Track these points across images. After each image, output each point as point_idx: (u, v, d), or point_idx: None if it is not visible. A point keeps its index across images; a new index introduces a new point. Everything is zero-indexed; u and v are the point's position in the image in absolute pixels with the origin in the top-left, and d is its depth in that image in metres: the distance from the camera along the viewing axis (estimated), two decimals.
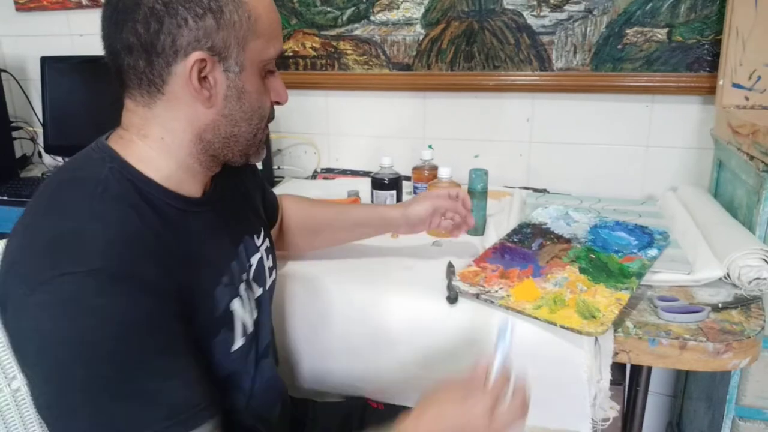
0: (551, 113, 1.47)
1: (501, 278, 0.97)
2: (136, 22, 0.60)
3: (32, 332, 0.55)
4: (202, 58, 0.61)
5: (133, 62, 0.62)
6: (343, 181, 1.61)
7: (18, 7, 1.82)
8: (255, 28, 0.64)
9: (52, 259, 0.55)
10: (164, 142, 0.66)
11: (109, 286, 0.55)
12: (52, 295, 0.54)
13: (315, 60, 1.59)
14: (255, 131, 0.70)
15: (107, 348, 0.54)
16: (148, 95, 0.64)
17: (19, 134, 1.90)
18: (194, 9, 0.60)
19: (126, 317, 0.55)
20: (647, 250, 1.03)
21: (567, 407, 0.88)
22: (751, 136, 1.08)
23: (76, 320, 0.53)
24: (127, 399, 0.55)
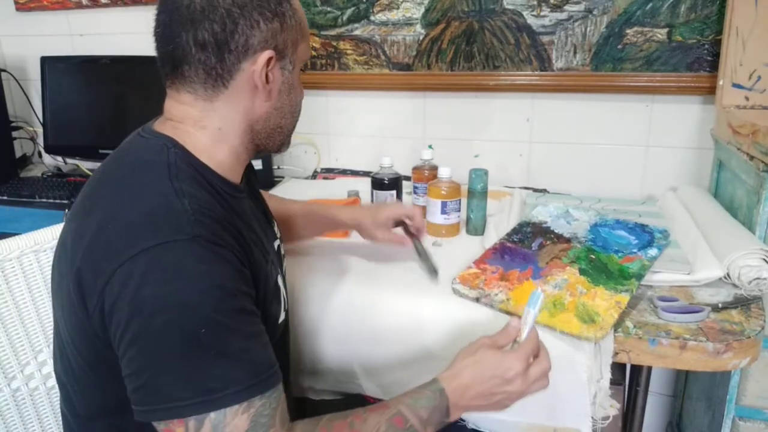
0: (551, 113, 1.47)
1: (501, 280, 0.97)
2: (213, 22, 0.65)
3: (134, 297, 0.58)
4: (271, 56, 0.69)
5: (205, 57, 0.67)
6: (343, 181, 1.61)
7: (18, 7, 1.82)
8: (302, 31, 0.73)
9: (151, 230, 0.59)
10: (221, 132, 0.71)
11: (207, 252, 0.60)
12: (156, 261, 0.58)
13: (315, 60, 1.59)
14: (295, 123, 0.78)
15: (205, 310, 0.58)
16: (213, 88, 0.69)
17: (19, 134, 1.90)
18: (265, 13, 0.67)
19: (221, 281, 0.60)
20: (647, 250, 1.02)
21: (567, 406, 0.88)
22: (751, 136, 1.08)
23: (178, 284, 0.58)
24: (218, 358, 0.59)
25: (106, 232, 0.62)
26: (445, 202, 1.17)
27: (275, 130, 0.75)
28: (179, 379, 0.58)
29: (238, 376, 0.59)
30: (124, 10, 1.70)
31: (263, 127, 0.74)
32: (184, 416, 0.58)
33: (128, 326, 0.58)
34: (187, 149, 0.69)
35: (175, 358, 0.58)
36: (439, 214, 1.18)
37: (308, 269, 1.05)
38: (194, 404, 0.58)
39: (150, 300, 0.57)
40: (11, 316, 0.93)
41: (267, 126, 0.74)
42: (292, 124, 0.78)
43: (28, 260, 0.95)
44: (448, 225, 1.19)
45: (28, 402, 0.96)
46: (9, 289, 0.93)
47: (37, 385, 0.97)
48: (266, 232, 0.82)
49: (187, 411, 0.58)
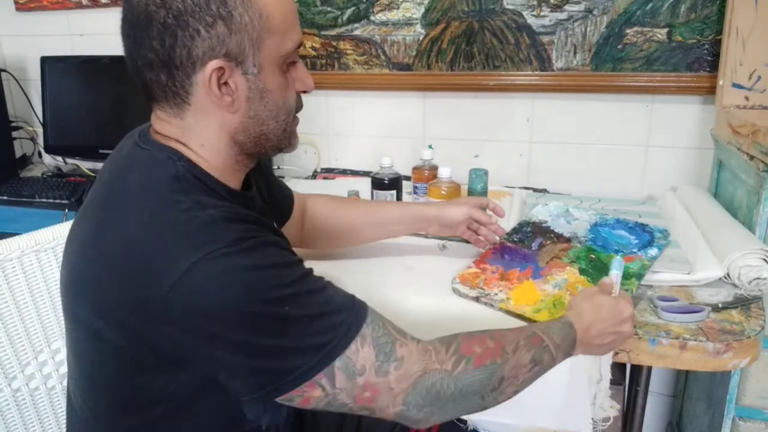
0: (551, 113, 1.47)
1: (501, 280, 0.98)
2: (152, 39, 0.61)
3: (201, 313, 0.57)
4: (219, 66, 0.62)
5: (156, 77, 0.64)
6: (343, 181, 1.61)
7: (18, 7, 1.82)
8: (268, 25, 0.64)
9: (187, 246, 0.58)
10: (204, 148, 0.68)
11: (249, 246, 0.59)
12: (207, 274, 0.57)
13: (315, 60, 1.59)
14: (283, 126, 0.71)
15: (283, 289, 0.59)
16: (176, 106, 0.66)
17: (19, 134, 1.89)
18: (204, 18, 0.60)
19: (280, 260, 0.62)
20: (647, 250, 1.02)
21: (567, 407, 0.88)
22: (751, 136, 1.08)
23: (241, 283, 0.57)
24: (313, 319, 0.60)
25: (137, 259, 0.59)
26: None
27: (260, 138, 0.70)
28: (290, 353, 0.59)
29: (336, 321, 0.61)
30: None
31: (245, 138, 0.69)
32: (312, 377, 0.59)
33: (216, 337, 0.58)
34: (191, 161, 0.67)
35: (277, 340, 0.59)
36: None
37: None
38: (315, 363, 0.59)
39: (222, 308, 0.57)
40: (11, 316, 0.93)
41: (249, 136, 0.69)
42: (277, 128, 0.70)
43: (29, 260, 0.95)
44: None
45: (29, 402, 0.96)
46: (9, 289, 0.93)
47: (38, 385, 0.97)
48: None
49: (313, 371, 0.59)
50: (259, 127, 0.69)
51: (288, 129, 0.72)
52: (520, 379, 0.69)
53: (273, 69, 0.66)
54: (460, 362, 0.65)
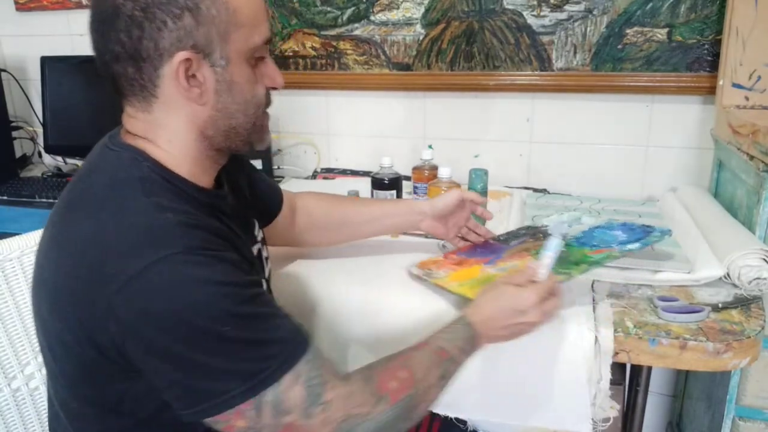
0: (551, 113, 1.47)
1: (454, 265, 0.97)
2: (119, 31, 0.61)
3: (146, 317, 0.57)
4: (186, 57, 0.62)
5: (123, 70, 0.63)
6: (343, 181, 1.61)
7: (18, 7, 1.82)
8: (236, 18, 0.64)
9: (142, 250, 0.58)
10: (172, 144, 0.67)
11: (206, 257, 0.59)
12: (156, 278, 0.57)
13: (315, 60, 1.59)
14: (253, 120, 0.70)
15: (223, 308, 0.58)
16: (144, 100, 0.65)
17: (19, 134, 1.89)
18: (171, 10, 0.60)
19: (231, 278, 0.60)
20: (626, 245, 0.95)
21: (567, 407, 0.88)
22: (751, 136, 1.08)
23: (187, 292, 0.57)
24: (250, 344, 0.60)
25: (92, 258, 0.59)
26: None
27: (229, 132, 0.69)
28: (221, 375, 0.59)
29: (274, 352, 0.60)
30: None
31: (214, 132, 0.68)
32: (235, 405, 0.58)
33: (153, 343, 0.58)
34: (158, 161, 0.66)
35: (210, 359, 0.58)
36: None
37: (308, 272, 1.05)
38: (244, 391, 0.58)
39: (163, 313, 0.57)
40: (11, 316, 0.93)
41: (218, 130, 0.68)
42: (247, 121, 0.69)
43: (29, 260, 0.95)
44: None
45: (29, 402, 0.96)
46: (9, 289, 0.93)
47: (38, 385, 0.97)
48: (245, 239, 0.78)
49: (240, 399, 0.58)
50: (228, 120, 0.68)
51: (258, 123, 0.72)
52: (432, 396, 0.70)
53: (241, 62, 0.66)
54: (378, 403, 0.64)
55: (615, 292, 0.96)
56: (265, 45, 0.69)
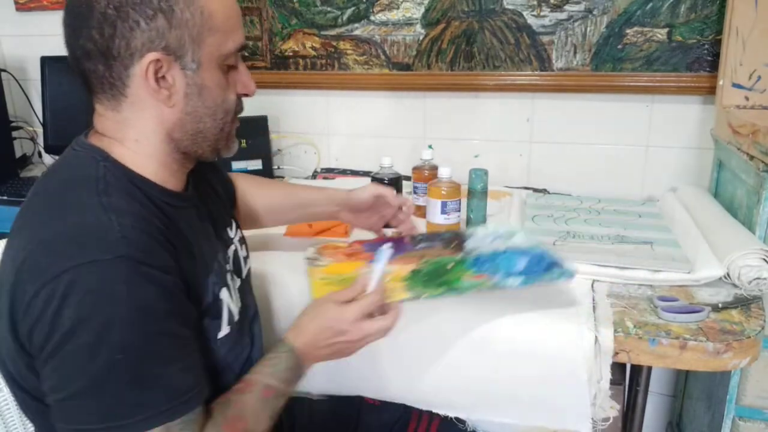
0: (551, 113, 1.47)
1: (347, 255, 0.96)
2: (91, 28, 0.61)
3: (54, 318, 0.56)
4: (156, 58, 0.62)
5: (94, 67, 0.64)
6: (343, 181, 1.61)
7: (18, 7, 1.82)
8: (210, 23, 0.64)
9: (75, 249, 0.57)
10: (139, 143, 0.67)
11: (134, 273, 0.57)
12: (78, 282, 0.56)
13: (315, 60, 1.59)
14: (221, 125, 0.70)
15: (127, 336, 0.57)
16: (113, 99, 0.66)
17: (19, 134, 1.89)
18: (145, 11, 0.61)
19: (148, 304, 0.58)
20: (509, 277, 0.86)
21: (567, 407, 0.88)
22: (751, 136, 1.08)
23: (99, 306, 0.56)
24: (132, 384, 0.57)
25: (32, 252, 0.59)
26: (445, 202, 1.17)
27: (196, 136, 0.69)
28: (89, 403, 0.57)
29: (151, 402, 0.58)
30: None
31: (182, 134, 0.68)
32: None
33: (47, 342, 0.57)
34: (118, 161, 0.66)
35: (87, 382, 0.56)
36: (439, 214, 1.17)
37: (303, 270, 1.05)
38: (101, 430, 0.56)
39: (67, 322, 0.55)
40: None
41: (185, 133, 0.68)
42: (215, 126, 0.69)
43: None
44: (448, 225, 1.19)
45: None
46: None
47: None
48: (212, 243, 0.77)
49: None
50: (196, 124, 0.68)
51: (226, 129, 0.71)
52: (264, 427, 0.70)
53: (213, 67, 0.66)
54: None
55: (615, 292, 0.96)
56: (239, 52, 0.69)
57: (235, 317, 0.77)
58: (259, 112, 1.61)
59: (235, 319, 0.76)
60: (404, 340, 0.94)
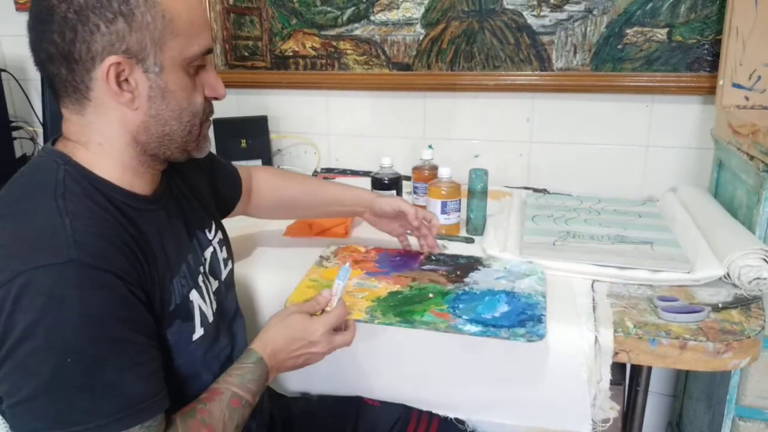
0: (551, 113, 1.47)
1: (353, 262, 1.04)
2: (52, 32, 0.61)
3: (5, 322, 0.56)
4: (117, 61, 0.62)
5: (57, 71, 0.64)
6: (343, 181, 1.61)
7: (18, 7, 1.82)
8: (172, 27, 0.64)
9: (27, 254, 0.57)
10: (103, 147, 0.67)
11: (85, 277, 0.57)
12: (29, 287, 0.55)
13: (315, 60, 1.59)
14: (188, 128, 0.70)
15: (78, 340, 0.56)
16: (77, 102, 0.66)
17: (19, 134, 1.89)
18: (105, 14, 0.61)
19: (99, 310, 0.58)
20: (471, 325, 0.85)
21: (567, 407, 0.88)
22: (751, 136, 1.08)
23: (49, 311, 0.55)
24: (84, 390, 0.57)
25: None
26: (445, 202, 1.17)
27: (162, 139, 0.69)
28: (41, 408, 0.56)
29: (104, 409, 0.57)
30: None
31: (147, 137, 0.68)
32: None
33: (0, 350, 0.56)
34: (80, 165, 0.66)
35: (38, 387, 0.56)
36: (439, 214, 1.18)
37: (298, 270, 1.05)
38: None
39: (19, 326, 0.55)
40: None
41: (151, 136, 0.68)
42: (181, 129, 0.69)
43: None
44: (448, 225, 1.19)
45: None
46: None
47: None
48: (182, 245, 0.76)
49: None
50: (162, 127, 0.68)
51: (194, 132, 0.71)
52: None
53: (176, 70, 0.66)
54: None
55: (615, 292, 0.96)
56: (205, 55, 0.69)
57: (209, 318, 0.76)
58: (259, 112, 1.61)
59: (210, 320, 0.76)
60: (404, 341, 0.94)
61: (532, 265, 1.02)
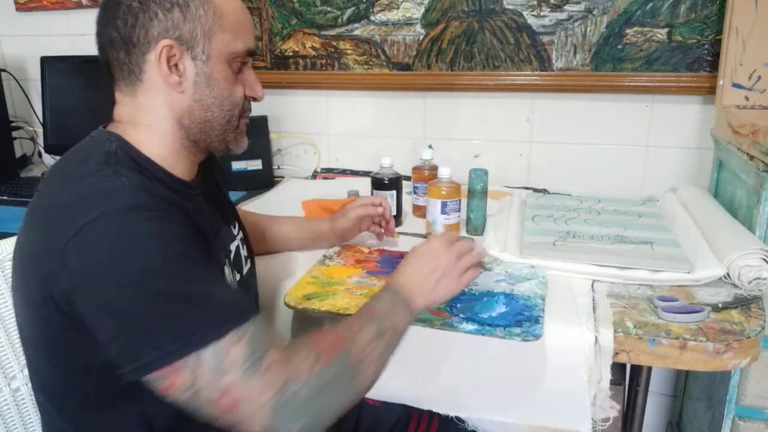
0: (551, 113, 1.47)
1: (355, 261, 1.06)
2: (116, 19, 0.69)
3: (91, 268, 0.59)
4: (169, 45, 0.69)
5: (116, 54, 0.71)
6: (343, 181, 1.61)
7: (18, 7, 1.82)
8: (221, 23, 0.71)
9: (91, 205, 0.61)
10: (151, 128, 0.73)
11: (150, 216, 0.62)
12: (101, 231, 0.60)
13: (315, 60, 1.59)
14: (228, 117, 0.75)
15: (160, 263, 0.60)
16: (131, 84, 0.72)
17: (19, 134, 1.90)
18: (164, 4, 0.68)
19: (171, 233, 0.62)
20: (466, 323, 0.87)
21: (567, 407, 0.88)
22: (751, 136, 1.08)
23: (128, 246, 0.60)
24: (184, 304, 0.60)
25: (50, 217, 0.63)
26: (445, 202, 1.17)
27: (204, 125, 0.74)
28: (159, 330, 0.59)
29: (212, 313, 0.61)
30: None
31: (191, 122, 0.73)
32: (173, 362, 0.58)
33: (93, 296, 0.59)
34: (130, 143, 0.71)
35: (147, 313, 0.59)
36: (439, 214, 1.17)
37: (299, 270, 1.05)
38: (180, 348, 0.58)
39: (104, 266, 0.59)
40: (11, 316, 0.93)
41: (194, 121, 0.74)
42: (222, 117, 0.75)
43: None
44: (448, 225, 1.19)
45: (28, 402, 0.96)
46: (9, 288, 0.93)
47: None
48: (218, 232, 0.81)
49: (176, 355, 0.58)
50: (204, 112, 0.73)
51: (233, 122, 0.76)
52: (374, 356, 0.69)
53: (221, 61, 0.72)
54: (314, 364, 0.63)
55: (615, 292, 0.96)
56: (248, 56, 0.76)
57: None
58: (259, 112, 1.61)
59: None
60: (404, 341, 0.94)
61: (534, 269, 1.02)
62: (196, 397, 0.59)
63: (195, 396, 0.59)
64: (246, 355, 0.59)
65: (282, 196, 1.54)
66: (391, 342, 0.72)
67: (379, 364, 0.70)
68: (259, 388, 0.59)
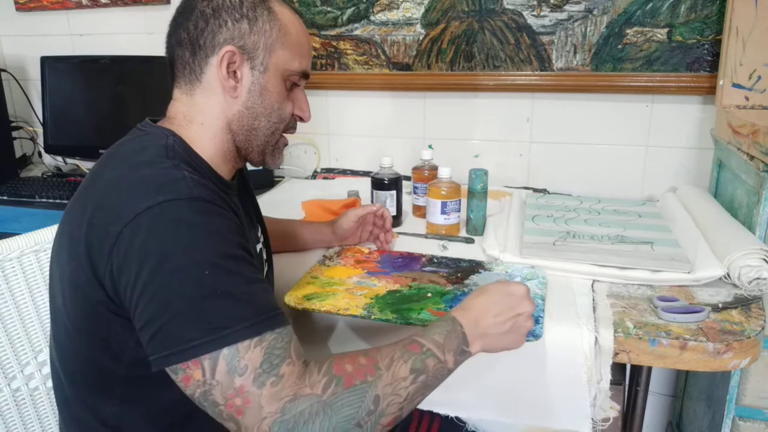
0: (551, 113, 1.47)
1: (355, 261, 1.06)
2: (188, 21, 0.74)
3: (140, 250, 0.61)
4: (232, 51, 0.73)
5: (182, 53, 0.75)
6: (343, 181, 1.61)
7: (18, 7, 1.82)
8: (283, 40, 0.76)
9: (152, 192, 0.64)
10: (203, 128, 0.76)
11: (205, 208, 0.65)
12: (158, 216, 0.62)
13: (315, 60, 1.59)
14: (273, 129, 0.80)
15: (207, 254, 0.62)
16: (190, 83, 0.76)
17: (19, 134, 1.90)
18: (234, 14, 0.73)
19: (219, 229, 0.65)
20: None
21: (567, 407, 0.88)
22: (751, 136, 1.08)
23: (181, 233, 0.62)
24: (224, 298, 0.61)
25: (109, 201, 0.65)
26: (445, 203, 1.17)
27: (250, 133, 0.78)
28: (189, 321, 0.60)
29: (246, 313, 0.61)
30: (124, 10, 1.70)
31: (239, 126, 0.77)
32: (197, 356, 0.59)
33: (138, 278, 0.61)
34: (183, 139, 0.74)
35: (182, 302, 0.60)
36: (439, 214, 1.18)
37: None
38: (205, 342, 0.59)
39: (155, 250, 0.61)
40: (11, 316, 0.93)
41: (242, 126, 0.77)
42: (267, 127, 0.79)
43: (28, 260, 0.95)
44: (448, 225, 1.19)
45: (28, 402, 0.96)
46: (9, 288, 0.93)
47: (37, 385, 0.97)
48: (249, 232, 0.83)
49: (200, 350, 0.59)
50: (252, 120, 0.77)
51: (275, 135, 0.81)
52: (403, 395, 0.64)
53: (277, 75, 0.77)
54: (330, 384, 0.61)
55: (615, 292, 0.96)
56: (302, 77, 0.80)
57: None
58: None
59: None
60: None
61: (534, 269, 1.02)
62: (207, 394, 0.60)
63: (206, 394, 0.60)
64: (261, 360, 0.60)
65: (282, 196, 1.54)
66: (428, 382, 0.66)
67: (406, 404, 0.64)
68: (266, 397, 0.59)
